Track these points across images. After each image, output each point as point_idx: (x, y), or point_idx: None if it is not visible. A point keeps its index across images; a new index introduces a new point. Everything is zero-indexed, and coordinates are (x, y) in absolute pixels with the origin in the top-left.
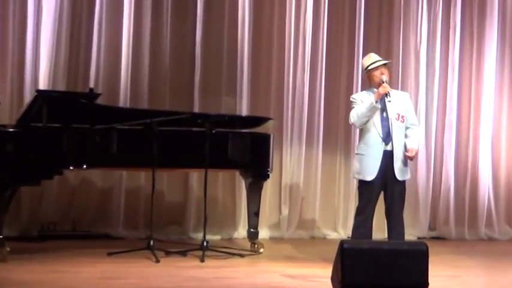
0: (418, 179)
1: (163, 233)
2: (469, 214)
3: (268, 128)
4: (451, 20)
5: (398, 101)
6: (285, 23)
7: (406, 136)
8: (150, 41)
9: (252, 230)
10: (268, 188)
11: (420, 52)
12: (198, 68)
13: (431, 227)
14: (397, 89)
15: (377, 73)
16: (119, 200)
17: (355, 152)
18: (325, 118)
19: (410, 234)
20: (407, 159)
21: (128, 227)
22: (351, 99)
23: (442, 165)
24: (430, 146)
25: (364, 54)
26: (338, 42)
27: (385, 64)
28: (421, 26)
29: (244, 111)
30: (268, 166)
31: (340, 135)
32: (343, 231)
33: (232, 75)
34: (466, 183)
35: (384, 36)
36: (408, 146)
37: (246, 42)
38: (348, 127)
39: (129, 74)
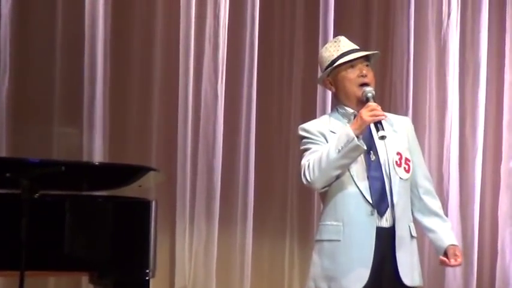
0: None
1: None
2: None
3: (146, 189)
4: None
5: (395, 132)
6: None
7: (422, 213)
8: None
9: None
10: None
11: (449, 29)
12: (5, 70)
13: None
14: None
15: (352, 75)
16: None
17: (316, 237)
18: (260, 165)
19: None
20: (415, 245)
21: None
22: (300, 132)
23: (495, 259)
24: (469, 226)
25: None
26: (286, 20)
27: (367, 57)
28: None
29: (98, 155)
30: (146, 264)
31: (292, 192)
32: None
33: (75, 84)
34: None
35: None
36: (447, 242)
37: (101, 23)
38: None
39: None
